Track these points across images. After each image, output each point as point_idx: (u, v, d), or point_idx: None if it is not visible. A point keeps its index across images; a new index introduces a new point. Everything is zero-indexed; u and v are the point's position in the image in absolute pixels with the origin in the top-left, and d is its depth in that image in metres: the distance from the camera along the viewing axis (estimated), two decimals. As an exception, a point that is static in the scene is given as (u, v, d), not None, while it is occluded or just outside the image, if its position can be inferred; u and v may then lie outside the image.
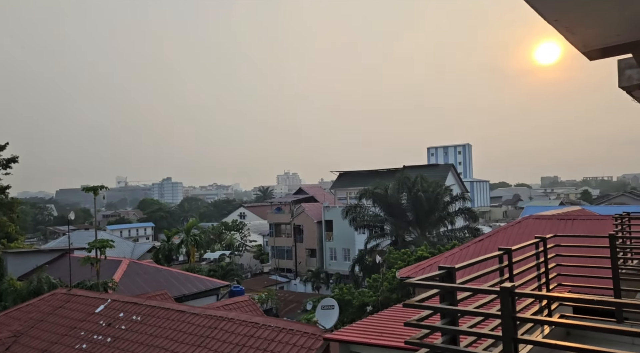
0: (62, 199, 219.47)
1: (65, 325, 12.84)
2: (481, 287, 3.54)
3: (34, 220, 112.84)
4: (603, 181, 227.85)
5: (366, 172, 55.41)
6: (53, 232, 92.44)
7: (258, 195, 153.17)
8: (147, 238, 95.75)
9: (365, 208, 39.73)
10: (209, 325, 11.17)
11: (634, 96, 8.30)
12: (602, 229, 13.02)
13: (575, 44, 5.35)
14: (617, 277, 5.99)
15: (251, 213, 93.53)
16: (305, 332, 10.05)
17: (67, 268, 23.09)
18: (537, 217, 16.39)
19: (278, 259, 56.88)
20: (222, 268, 44.24)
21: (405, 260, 24.94)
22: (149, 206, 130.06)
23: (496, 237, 15.92)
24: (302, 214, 54.57)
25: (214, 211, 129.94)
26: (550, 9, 4.32)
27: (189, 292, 23.13)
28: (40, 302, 14.57)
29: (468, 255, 15.08)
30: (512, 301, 3.07)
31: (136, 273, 24.41)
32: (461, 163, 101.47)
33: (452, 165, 59.66)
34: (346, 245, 49.66)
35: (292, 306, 40.56)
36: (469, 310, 3.33)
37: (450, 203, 38.00)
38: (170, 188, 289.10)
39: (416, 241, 34.14)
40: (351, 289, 27.21)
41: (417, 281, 3.42)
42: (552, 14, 4.46)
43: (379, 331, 8.82)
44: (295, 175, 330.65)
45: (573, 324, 3.11)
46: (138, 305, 12.90)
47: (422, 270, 16.03)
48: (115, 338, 11.68)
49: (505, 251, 4.46)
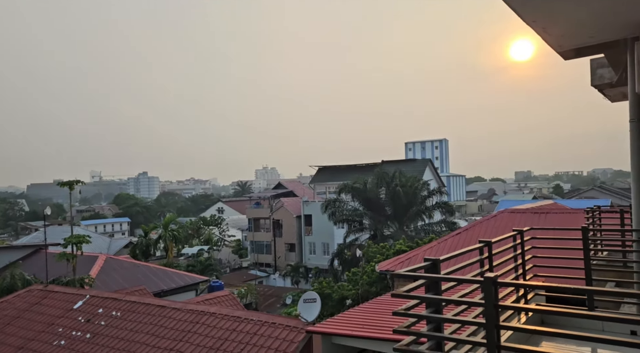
0: (33, 194, 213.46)
1: (43, 321, 12.63)
2: (466, 277, 3.70)
3: (4, 215, 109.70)
4: (574, 175, 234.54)
5: (345, 167, 55.69)
6: (24, 228, 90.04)
7: (236, 190, 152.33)
8: (122, 234, 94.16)
9: (344, 203, 40.00)
10: (191, 319, 11.17)
11: (604, 93, 8.65)
12: (574, 222, 13.51)
13: (551, 44, 5.58)
14: (588, 268, 6.28)
15: (229, 207, 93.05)
16: (288, 325, 10.16)
17: (41, 264, 22.61)
18: (512, 211, 16.86)
19: (257, 254, 56.79)
20: (200, 263, 43.97)
21: (384, 254, 25.26)
22: (124, 201, 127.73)
23: (473, 230, 16.31)
24: (281, 209, 54.56)
25: (191, 206, 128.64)
26: (528, 10, 4.51)
27: (167, 288, 22.97)
28: (16, 299, 14.27)
29: (446, 248, 15.42)
30: (495, 290, 3.24)
31: (113, 269, 24.08)
32: (438, 157, 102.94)
33: (429, 160, 60.47)
34: (325, 239, 49.91)
35: (272, 301, 40.64)
36: (454, 299, 3.49)
37: (427, 198, 38.59)
38: (146, 182, 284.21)
39: (394, 235, 34.59)
40: (330, 283, 27.42)
41: (404, 273, 3.55)
42: (530, 15, 4.66)
43: (360, 323, 8.98)
44: (274, 170, 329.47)
45: (551, 311, 3.30)
46: (118, 301, 12.77)
47: (401, 263, 16.31)
48: (95, 334, 11.56)
49: (486, 243, 4.64)
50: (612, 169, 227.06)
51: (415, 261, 15.53)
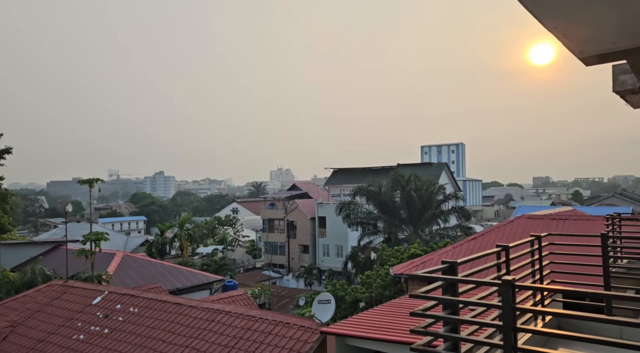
0: (53, 191, 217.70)
1: (62, 316, 12.92)
2: (484, 280, 3.73)
3: (24, 212, 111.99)
4: (594, 182, 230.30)
5: (360, 169, 55.63)
6: (44, 224, 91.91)
7: (251, 190, 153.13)
8: (139, 232, 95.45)
9: (359, 205, 39.96)
10: (206, 317, 11.31)
11: (627, 100, 8.54)
12: (593, 229, 13.32)
13: (572, 50, 5.56)
14: (607, 276, 6.23)
15: (244, 208, 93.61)
16: (302, 325, 10.23)
17: (60, 260, 23.10)
18: (530, 217, 16.67)
19: (271, 254, 57.03)
20: (215, 262, 44.34)
21: (398, 257, 25.18)
22: (141, 199, 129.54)
23: (489, 236, 16.17)
24: (296, 211, 54.73)
25: (206, 205, 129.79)
26: (550, 16, 4.51)
27: (182, 286, 23.25)
28: (37, 293, 14.62)
29: (462, 253, 15.32)
30: (512, 293, 3.26)
31: (130, 266, 24.47)
32: (454, 161, 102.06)
33: (445, 164, 60.05)
34: (339, 241, 49.90)
35: (285, 302, 40.78)
36: (472, 300, 3.52)
37: (443, 202, 38.33)
38: (162, 181, 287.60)
39: (409, 239, 34.43)
40: (344, 285, 27.42)
41: (422, 274, 3.60)
42: (551, 21, 4.65)
43: (373, 325, 9.01)
44: (289, 171, 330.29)
45: (569, 315, 3.31)
46: (135, 297, 13.00)
47: (415, 267, 16.25)
48: (113, 329, 11.79)
49: (503, 248, 4.66)
50: (633, 177, 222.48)
51: (430, 265, 15.47)
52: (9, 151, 29.66)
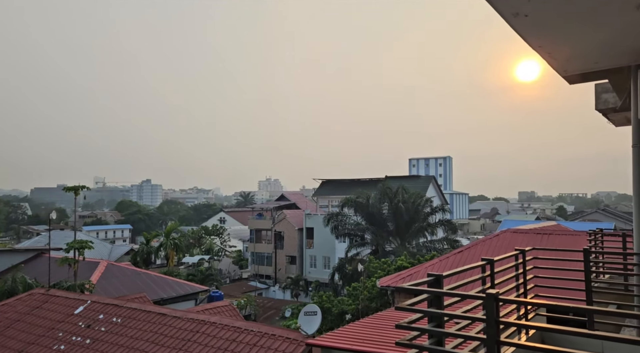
0: (37, 198, 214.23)
1: (43, 325, 12.66)
2: (469, 293, 3.77)
3: (7, 219, 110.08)
4: (578, 197, 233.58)
5: (348, 181, 55.81)
6: (27, 231, 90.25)
7: (239, 200, 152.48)
8: (124, 240, 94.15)
9: (347, 217, 40.01)
10: (191, 328, 11.19)
11: (609, 118, 8.76)
12: (576, 244, 13.51)
13: (556, 69, 5.72)
14: (589, 290, 6.32)
15: (231, 218, 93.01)
16: (288, 337, 10.17)
17: (42, 268, 22.68)
18: (515, 231, 16.86)
19: (258, 265, 56.66)
20: (201, 272, 43.91)
21: (385, 270, 25.20)
22: (127, 207, 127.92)
23: (475, 249, 16.31)
24: (284, 221, 54.58)
25: (193, 215, 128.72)
26: (535, 36, 4.65)
27: (167, 296, 22.97)
28: (17, 302, 14.32)
29: (447, 266, 15.41)
30: (496, 306, 3.31)
31: (114, 276, 24.14)
32: (442, 175, 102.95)
33: (433, 177, 60.53)
34: (326, 252, 49.81)
35: (271, 313, 40.45)
36: (457, 313, 3.56)
37: (430, 214, 38.57)
38: (149, 190, 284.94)
39: (396, 251, 34.51)
40: (330, 297, 27.33)
41: (408, 287, 3.63)
42: (536, 40, 4.79)
43: (360, 338, 9.00)
44: (277, 181, 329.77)
45: (552, 329, 3.36)
46: (118, 307, 12.81)
47: (402, 279, 16.29)
48: (95, 339, 11.58)
49: (488, 261, 4.72)
50: (616, 193, 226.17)
51: (417, 277, 15.53)
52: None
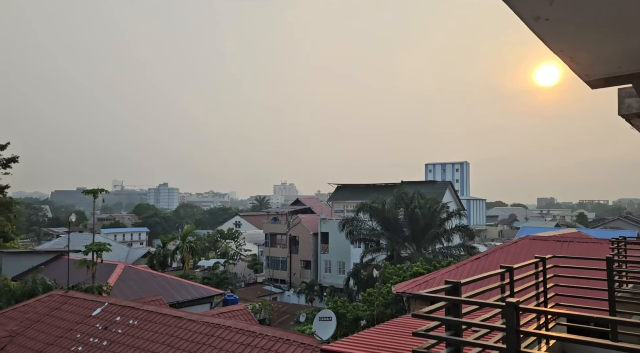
0: (57, 201, 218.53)
1: (62, 326, 12.85)
2: (487, 301, 3.70)
3: (28, 221, 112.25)
4: (599, 204, 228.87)
5: (364, 186, 55.62)
6: (47, 233, 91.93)
7: (254, 204, 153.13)
8: (141, 243, 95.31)
9: (362, 222, 39.83)
10: (206, 332, 11.22)
11: (632, 123, 8.54)
12: (598, 252, 13.21)
13: (578, 73, 5.59)
14: (612, 300, 6.16)
15: (247, 222, 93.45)
16: (302, 342, 10.12)
17: (61, 270, 23.09)
18: (534, 238, 16.56)
19: (272, 269, 56.73)
20: (216, 276, 44.12)
21: (401, 276, 24.99)
22: (144, 211, 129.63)
23: (493, 256, 16.06)
24: (298, 225, 54.60)
25: (209, 218, 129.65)
26: (556, 40, 4.55)
27: (183, 299, 23.09)
28: (37, 303, 14.57)
29: (465, 273, 15.20)
30: (517, 315, 3.23)
31: (131, 278, 24.38)
32: (458, 180, 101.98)
33: (449, 182, 59.98)
34: (341, 257, 49.64)
35: (285, 318, 40.41)
36: (475, 322, 3.49)
37: (446, 220, 38.17)
38: (166, 193, 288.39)
39: (412, 257, 34.21)
40: (345, 302, 27.19)
41: (426, 294, 3.58)
42: (558, 44, 4.69)
43: (375, 344, 8.90)
44: (292, 186, 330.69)
45: (573, 339, 3.27)
46: (135, 310, 12.93)
47: (418, 285, 16.13)
48: (112, 341, 11.69)
49: (507, 269, 4.63)
50: (638, 200, 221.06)
51: (433, 284, 15.35)
52: (15, 159, 29.86)
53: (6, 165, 29.55)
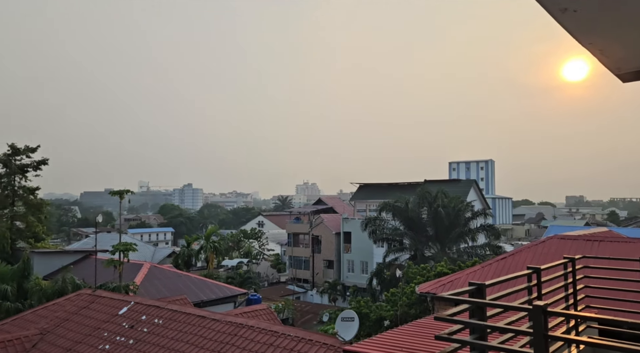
0: (86, 202, 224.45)
1: (90, 325, 13.13)
2: (513, 304, 3.57)
3: (58, 221, 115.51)
4: (631, 202, 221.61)
5: (386, 185, 55.23)
6: (76, 234, 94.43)
7: (277, 204, 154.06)
8: (166, 243, 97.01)
9: (385, 221, 39.54)
10: (229, 331, 11.28)
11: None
12: (632, 252, 12.74)
13: (608, 67, 5.37)
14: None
15: (270, 221, 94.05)
16: (325, 342, 10.07)
17: (89, 269, 23.64)
18: (562, 237, 16.09)
19: (295, 269, 56.91)
20: (239, 275, 44.51)
21: (425, 276, 24.70)
22: (169, 211, 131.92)
23: (519, 256, 15.68)
24: (321, 225, 54.61)
25: (233, 218, 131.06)
26: (585, 32, 4.37)
27: (207, 298, 23.37)
28: (66, 302, 14.93)
29: (490, 273, 14.89)
30: (544, 319, 3.10)
31: (156, 277, 24.80)
32: (483, 178, 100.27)
33: (474, 181, 59.03)
34: (364, 257, 49.42)
35: (309, 317, 40.48)
36: (500, 326, 3.37)
37: (471, 219, 37.56)
38: (190, 194, 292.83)
39: (436, 257, 33.79)
40: (368, 302, 27.04)
41: (448, 296, 3.48)
42: (586, 37, 4.51)
43: (398, 346, 8.76)
44: (314, 185, 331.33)
45: (605, 344, 3.12)
46: (160, 309, 13.10)
47: (442, 286, 15.87)
48: (138, 340, 11.88)
49: (534, 270, 4.47)
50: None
51: (458, 284, 15.09)
52: (46, 162, 30.73)
53: (37, 167, 30.43)
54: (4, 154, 29.41)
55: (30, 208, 30.10)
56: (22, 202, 29.97)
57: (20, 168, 29.88)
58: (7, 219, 28.70)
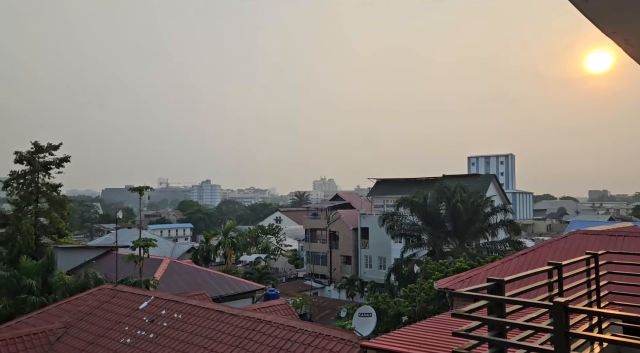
0: (107, 198, 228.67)
1: (111, 319, 13.38)
2: (533, 301, 3.49)
3: (81, 217, 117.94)
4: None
5: (404, 180, 54.87)
6: (98, 229, 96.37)
7: (294, 200, 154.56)
8: (185, 239, 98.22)
9: (403, 217, 39.31)
10: (247, 326, 11.36)
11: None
12: (656, 247, 12.40)
13: (633, 56, 5.19)
14: (673, 299, 5.73)
15: (287, 217, 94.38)
16: (342, 338, 10.06)
17: (111, 265, 24.09)
18: (585, 232, 15.74)
19: (313, 264, 57.05)
20: (257, 271, 44.83)
21: (443, 271, 24.48)
22: (188, 207, 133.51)
23: (541, 251, 15.40)
24: (338, 221, 54.57)
25: (250, 214, 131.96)
26: (608, 21, 4.22)
27: (225, 293, 23.57)
28: (89, 296, 15.24)
29: (510, 269, 14.67)
30: (565, 316, 3.02)
31: (176, 273, 25.11)
32: (503, 173, 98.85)
33: (493, 175, 58.22)
34: (382, 253, 49.26)
35: (326, 313, 40.57)
36: (519, 322, 3.30)
37: (491, 214, 37.08)
38: (209, 190, 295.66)
39: (454, 252, 33.47)
40: (386, 298, 26.95)
41: (466, 292, 3.42)
42: (610, 26, 4.36)
43: (417, 342, 8.71)
44: (332, 181, 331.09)
45: (629, 342, 3.02)
46: (179, 304, 13.28)
47: (461, 281, 15.71)
48: (158, 334, 12.06)
49: (555, 266, 4.37)
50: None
51: (477, 280, 14.91)
52: (68, 159, 31.33)
53: (59, 165, 31.04)
54: (27, 152, 30.07)
55: (54, 205, 30.73)
56: (45, 199, 30.63)
57: (44, 166, 30.53)
58: (32, 215, 29.39)
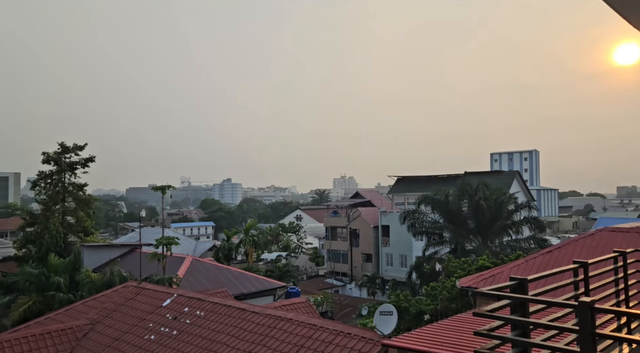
0: (131, 197, 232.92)
1: (136, 316, 13.63)
2: (557, 300, 3.40)
3: (106, 216, 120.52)
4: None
5: (425, 178, 54.38)
6: (123, 228, 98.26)
7: (314, 198, 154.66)
8: (207, 237, 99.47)
9: (424, 214, 38.96)
10: (269, 324, 11.42)
11: None
12: (688, 245, 11.97)
13: (663, 47, 5.00)
14: None
15: (307, 215, 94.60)
16: (363, 336, 10.02)
17: (135, 263, 24.53)
18: (613, 229, 15.31)
19: (333, 262, 57.06)
20: (278, 269, 45.03)
21: (466, 269, 24.17)
22: (210, 206, 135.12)
23: (566, 249, 15.06)
24: (359, 219, 54.42)
25: (271, 212, 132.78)
26: (634, 12, 4.08)
27: (247, 291, 23.75)
28: (114, 293, 15.56)
29: (535, 267, 14.38)
30: (591, 316, 2.93)
31: (198, 271, 25.42)
32: (527, 169, 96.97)
33: (517, 172, 57.20)
34: (403, 251, 48.94)
35: (347, 311, 40.54)
36: (543, 322, 3.22)
37: (514, 212, 36.43)
38: (230, 188, 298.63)
39: (477, 250, 33.01)
40: (408, 296, 26.78)
41: (488, 291, 3.35)
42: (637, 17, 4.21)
43: (439, 341, 8.64)
44: (352, 179, 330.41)
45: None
46: (202, 301, 13.44)
47: (484, 280, 15.47)
48: (181, 331, 12.23)
49: (581, 264, 4.25)
50: None
51: (500, 279, 14.66)
52: (93, 159, 32.07)
53: (85, 164, 31.81)
54: (54, 153, 30.88)
55: (80, 204, 31.49)
56: (72, 198, 31.41)
57: (70, 166, 31.31)
58: (59, 214, 30.17)
